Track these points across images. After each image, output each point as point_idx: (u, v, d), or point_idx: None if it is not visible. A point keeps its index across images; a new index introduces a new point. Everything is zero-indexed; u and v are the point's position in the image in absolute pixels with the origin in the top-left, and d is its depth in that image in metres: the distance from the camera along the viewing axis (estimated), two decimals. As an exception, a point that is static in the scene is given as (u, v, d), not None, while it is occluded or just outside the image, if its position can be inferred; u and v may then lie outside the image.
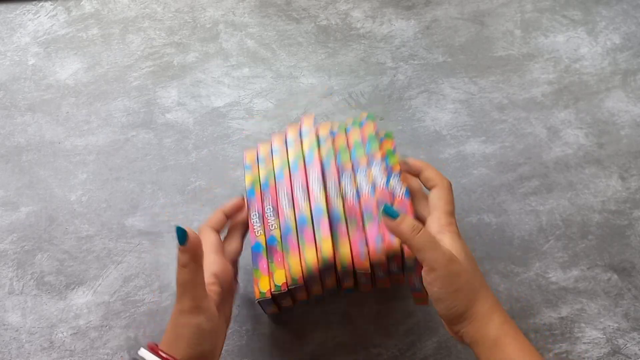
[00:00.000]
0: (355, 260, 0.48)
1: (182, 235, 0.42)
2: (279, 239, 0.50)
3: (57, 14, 0.72)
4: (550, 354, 0.58)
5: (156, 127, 0.68)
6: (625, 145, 0.66)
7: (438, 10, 0.71)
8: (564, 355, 0.58)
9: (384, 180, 0.51)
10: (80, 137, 0.67)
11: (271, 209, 0.51)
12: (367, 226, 0.49)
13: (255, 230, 0.51)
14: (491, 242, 0.63)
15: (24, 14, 0.72)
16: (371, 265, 0.48)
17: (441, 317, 0.45)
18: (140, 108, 0.68)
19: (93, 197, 0.65)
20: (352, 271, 0.49)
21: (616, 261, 0.62)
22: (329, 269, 0.48)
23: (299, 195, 0.50)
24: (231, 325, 0.60)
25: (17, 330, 0.60)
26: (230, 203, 0.53)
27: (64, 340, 0.60)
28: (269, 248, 0.50)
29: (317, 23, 0.71)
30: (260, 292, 0.49)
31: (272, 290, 0.49)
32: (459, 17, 0.71)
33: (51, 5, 0.72)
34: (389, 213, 0.43)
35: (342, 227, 0.49)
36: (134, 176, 0.66)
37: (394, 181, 0.51)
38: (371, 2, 0.72)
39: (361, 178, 0.51)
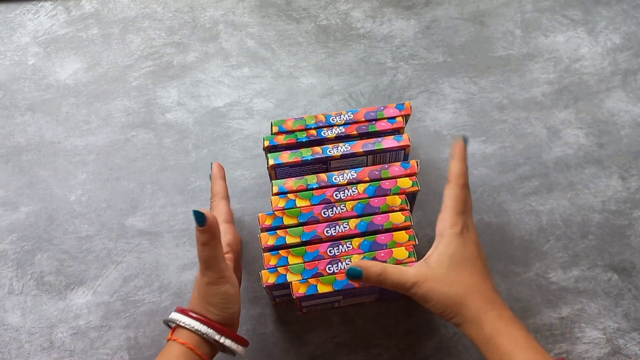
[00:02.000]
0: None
1: (200, 218, 0.45)
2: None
3: (57, 13, 0.72)
4: (551, 354, 0.58)
5: (156, 127, 0.67)
6: (625, 145, 0.66)
7: (438, 10, 0.71)
8: (564, 355, 0.58)
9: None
10: (80, 137, 0.67)
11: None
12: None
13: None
14: (491, 242, 0.63)
15: (24, 13, 0.72)
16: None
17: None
18: (140, 108, 0.68)
19: (93, 197, 0.65)
20: None
21: (616, 261, 0.62)
22: None
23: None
24: (231, 325, 0.61)
25: (17, 330, 0.60)
26: (215, 169, 0.56)
27: (64, 341, 0.60)
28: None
29: (317, 23, 0.71)
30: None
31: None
32: (459, 17, 0.71)
33: (51, 5, 0.72)
34: (353, 275, 0.47)
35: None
36: (134, 176, 0.66)
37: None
38: (371, 2, 0.72)
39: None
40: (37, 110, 0.68)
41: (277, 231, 0.53)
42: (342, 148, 0.55)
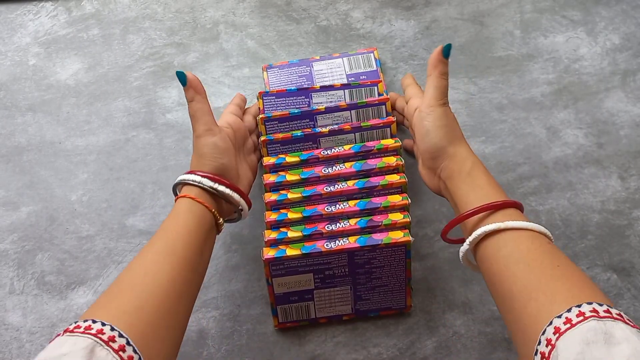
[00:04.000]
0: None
1: (182, 76, 0.52)
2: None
3: (57, 14, 0.72)
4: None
5: (157, 127, 0.68)
6: (625, 145, 0.66)
7: (438, 10, 0.71)
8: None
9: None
10: (81, 137, 0.67)
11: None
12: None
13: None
14: (491, 242, 0.63)
15: (25, 14, 0.72)
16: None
17: (424, 154, 0.53)
18: (141, 108, 0.68)
19: (94, 197, 0.65)
20: None
21: (615, 261, 0.62)
22: None
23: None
24: (231, 325, 0.61)
25: (17, 330, 0.61)
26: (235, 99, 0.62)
27: (65, 340, 0.60)
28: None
29: (317, 23, 0.71)
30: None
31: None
32: (458, 17, 0.71)
33: (52, 5, 0.72)
34: (447, 50, 0.52)
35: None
36: (135, 176, 0.66)
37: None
38: (371, 3, 0.72)
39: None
40: (38, 110, 0.68)
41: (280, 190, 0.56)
42: (326, 102, 0.60)
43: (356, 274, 0.55)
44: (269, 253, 0.53)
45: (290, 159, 0.56)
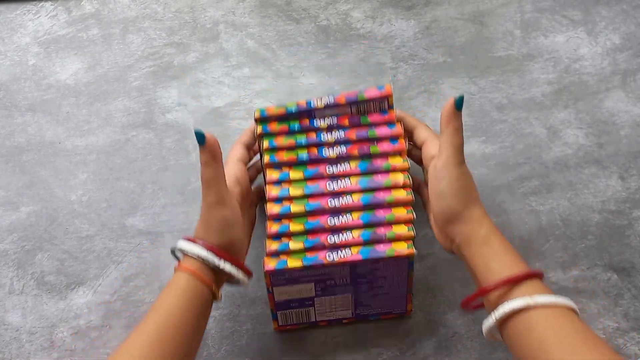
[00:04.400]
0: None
1: (201, 136, 0.47)
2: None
3: (57, 14, 0.72)
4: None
5: (156, 127, 0.68)
6: (625, 145, 0.66)
7: (438, 10, 0.71)
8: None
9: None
10: (81, 137, 0.67)
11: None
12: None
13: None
14: (491, 242, 0.63)
15: (24, 14, 0.72)
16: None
17: (437, 215, 0.51)
18: (141, 108, 0.68)
19: (93, 197, 0.65)
20: None
21: (616, 261, 0.62)
22: None
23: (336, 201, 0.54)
24: (231, 325, 0.61)
25: (17, 330, 0.61)
26: (248, 131, 0.59)
27: (65, 340, 0.60)
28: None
29: (317, 23, 0.71)
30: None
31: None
32: (458, 17, 0.71)
33: (51, 5, 0.72)
34: (459, 102, 0.50)
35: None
36: (134, 176, 0.66)
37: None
38: (371, 2, 0.72)
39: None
40: (38, 110, 0.68)
41: (283, 201, 0.54)
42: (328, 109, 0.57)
43: (357, 283, 0.55)
44: (270, 264, 0.52)
45: (294, 174, 0.55)
